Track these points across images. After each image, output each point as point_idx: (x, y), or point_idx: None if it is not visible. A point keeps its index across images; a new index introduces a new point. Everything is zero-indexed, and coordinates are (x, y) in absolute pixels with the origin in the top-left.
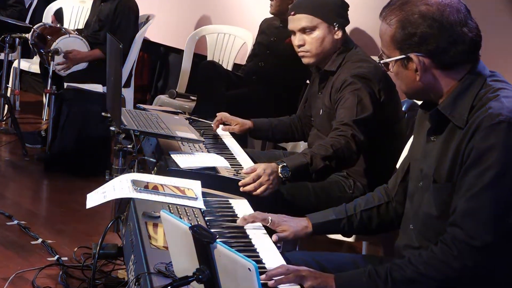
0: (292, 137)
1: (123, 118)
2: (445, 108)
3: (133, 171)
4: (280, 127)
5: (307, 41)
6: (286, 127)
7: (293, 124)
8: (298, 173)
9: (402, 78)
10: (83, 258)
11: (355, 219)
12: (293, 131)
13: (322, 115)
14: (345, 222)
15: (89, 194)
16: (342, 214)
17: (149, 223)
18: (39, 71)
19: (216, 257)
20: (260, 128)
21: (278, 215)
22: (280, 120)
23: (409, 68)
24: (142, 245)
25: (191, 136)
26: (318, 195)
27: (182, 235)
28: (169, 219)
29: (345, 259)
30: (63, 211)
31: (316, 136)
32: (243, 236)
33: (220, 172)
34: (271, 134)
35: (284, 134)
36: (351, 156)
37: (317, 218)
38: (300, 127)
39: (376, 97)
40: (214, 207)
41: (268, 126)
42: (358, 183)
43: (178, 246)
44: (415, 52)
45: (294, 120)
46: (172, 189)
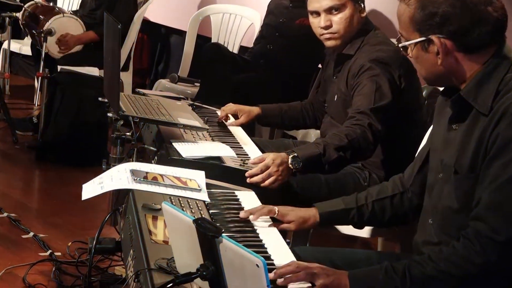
0: (303, 124)
1: (121, 104)
2: (468, 94)
3: (132, 161)
4: (290, 113)
5: (334, 21)
6: (297, 113)
7: (305, 110)
8: (310, 164)
9: (422, 62)
10: (78, 253)
11: (366, 209)
12: (304, 118)
13: (336, 101)
14: (355, 213)
15: (84, 184)
16: (352, 203)
17: (148, 215)
18: (30, 53)
19: (222, 253)
20: (268, 114)
21: (285, 207)
22: (290, 106)
23: (430, 51)
24: (142, 239)
25: (194, 123)
26: (331, 188)
27: (185, 229)
28: (171, 212)
29: (359, 255)
30: (56, 203)
31: (330, 124)
32: (250, 231)
33: (226, 162)
34: (280, 121)
35: (294, 120)
36: (367, 147)
37: (325, 207)
38: (312, 113)
39: (396, 84)
40: (219, 199)
41: (277, 112)
42: (374, 175)
43: (180, 241)
44: (436, 34)
45: (305, 105)
46: (173, 180)
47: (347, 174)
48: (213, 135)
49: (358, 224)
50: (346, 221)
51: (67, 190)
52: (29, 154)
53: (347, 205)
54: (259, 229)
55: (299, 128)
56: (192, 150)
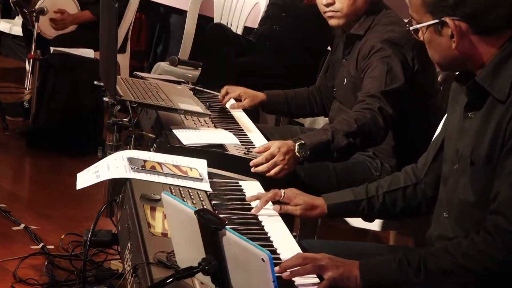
0: (311, 111)
1: (118, 88)
2: (484, 80)
3: (130, 148)
4: (297, 100)
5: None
6: (304, 99)
7: (312, 96)
8: (318, 151)
9: (435, 46)
10: (72, 246)
11: (377, 201)
12: (312, 104)
13: (346, 85)
14: (365, 204)
15: (79, 173)
16: (362, 195)
17: (146, 206)
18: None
19: (225, 246)
20: (274, 101)
21: (292, 189)
22: (297, 92)
23: (444, 35)
24: (141, 232)
25: (196, 108)
26: (340, 177)
27: (186, 221)
28: (171, 202)
29: (369, 249)
30: (49, 193)
31: (339, 109)
32: (255, 223)
33: (229, 150)
34: (286, 108)
35: (301, 107)
36: (378, 132)
37: (333, 199)
38: (320, 99)
39: (409, 66)
40: (221, 189)
41: (283, 99)
42: (386, 164)
43: (181, 233)
44: (450, 16)
45: (312, 91)
46: (173, 169)
47: (357, 163)
48: (215, 121)
49: (368, 216)
50: (356, 213)
51: (61, 179)
52: (20, 141)
53: (356, 196)
54: (264, 221)
55: (306, 116)
56: (193, 137)
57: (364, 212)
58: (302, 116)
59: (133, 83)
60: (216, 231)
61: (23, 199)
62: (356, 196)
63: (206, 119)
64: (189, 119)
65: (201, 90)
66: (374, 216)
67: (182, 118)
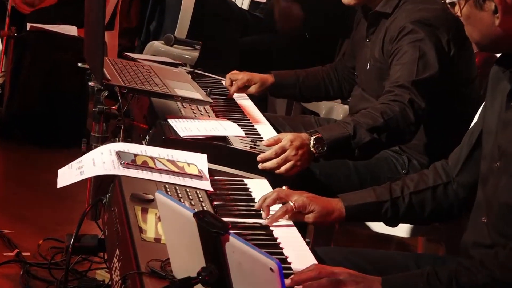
0: (326, 94)
1: (105, 71)
2: None
3: (118, 141)
4: (310, 81)
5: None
6: (317, 80)
7: (327, 77)
8: (337, 147)
9: (475, 22)
10: (51, 253)
11: (402, 202)
12: (327, 86)
13: (369, 70)
14: (389, 206)
15: (60, 169)
16: (385, 195)
17: (138, 208)
18: None
19: (228, 253)
20: (283, 84)
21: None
22: (309, 72)
23: (485, 9)
24: (131, 237)
25: (195, 95)
26: (362, 177)
27: (183, 224)
28: (166, 203)
29: (394, 259)
30: (25, 192)
31: (361, 97)
32: (262, 227)
33: (233, 144)
34: (298, 91)
35: (314, 90)
36: (407, 128)
37: (351, 200)
38: (337, 81)
39: (444, 51)
40: (224, 189)
41: (293, 81)
42: (415, 161)
43: (177, 239)
44: None
45: (328, 72)
46: (168, 165)
47: (382, 160)
48: (217, 110)
49: (391, 220)
50: (378, 217)
51: (38, 176)
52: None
53: (379, 197)
54: (273, 226)
55: (320, 99)
56: (191, 128)
57: (387, 215)
58: (315, 99)
59: (122, 65)
60: (218, 236)
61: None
62: (378, 197)
63: (207, 108)
64: (187, 108)
65: (201, 74)
66: (398, 220)
67: (179, 106)
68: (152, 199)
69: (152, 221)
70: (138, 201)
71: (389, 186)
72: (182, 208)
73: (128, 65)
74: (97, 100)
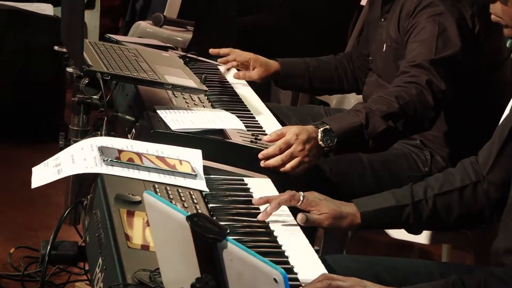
0: (339, 87)
1: (85, 55)
2: None
3: (101, 135)
4: (321, 72)
5: None
6: (330, 71)
7: (341, 66)
8: (348, 139)
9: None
10: (24, 263)
11: (425, 206)
12: (341, 77)
13: (385, 53)
14: (410, 211)
15: (34, 168)
16: (406, 199)
17: (123, 210)
18: None
19: (226, 262)
20: (290, 73)
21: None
22: (321, 61)
23: None
24: (115, 244)
25: (188, 82)
26: (378, 174)
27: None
28: (156, 205)
29: (415, 268)
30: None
31: (376, 84)
32: (265, 232)
33: (231, 138)
34: (307, 82)
35: (327, 81)
36: (426, 113)
37: (367, 204)
38: (351, 71)
39: (467, 26)
40: (221, 189)
41: (302, 70)
42: (438, 157)
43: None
44: None
45: (342, 61)
46: (157, 162)
47: (400, 156)
48: (213, 99)
49: (414, 227)
50: (398, 223)
51: (10, 175)
52: None
53: (399, 200)
54: (277, 231)
55: (333, 92)
56: (184, 120)
57: (409, 221)
58: (327, 92)
59: (105, 49)
60: (214, 242)
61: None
62: (399, 201)
63: (201, 97)
64: (179, 97)
65: (194, 59)
66: (421, 226)
67: (169, 95)
68: (140, 200)
69: (140, 226)
70: (124, 203)
71: (410, 188)
72: (174, 210)
73: (111, 48)
74: (76, 88)
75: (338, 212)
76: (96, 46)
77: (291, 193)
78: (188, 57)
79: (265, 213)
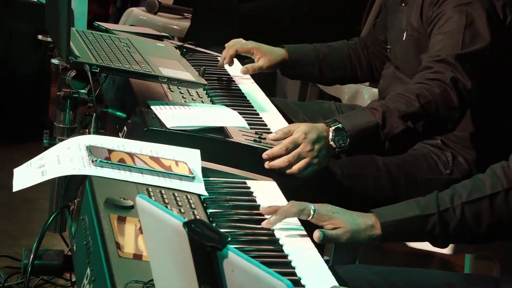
0: (352, 76)
1: (72, 45)
2: None
3: (89, 133)
4: (332, 59)
5: None
6: (343, 58)
7: (354, 53)
8: (362, 140)
9: None
10: (5, 274)
11: (453, 215)
12: (354, 66)
13: (405, 43)
14: (436, 221)
15: (16, 169)
16: (432, 207)
17: (113, 216)
18: None
19: (227, 273)
20: (299, 61)
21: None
22: (332, 48)
23: None
24: (105, 252)
25: (185, 75)
26: (393, 177)
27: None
28: (149, 211)
29: (435, 280)
30: None
31: (394, 77)
32: (269, 241)
33: (233, 136)
34: (317, 71)
35: (338, 70)
36: (450, 114)
37: (389, 215)
38: (366, 58)
39: (498, 18)
40: (222, 192)
41: (312, 57)
42: (460, 158)
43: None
44: None
45: (355, 47)
46: (151, 163)
47: (419, 157)
48: (213, 94)
49: (440, 238)
50: (422, 235)
51: None
52: None
53: (423, 210)
54: (283, 239)
55: (345, 82)
56: (180, 117)
57: (435, 232)
58: (339, 82)
59: (94, 38)
60: (214, 251)
61: None
62: (423, 210)
63: (200, 91)
64: (175, 91)
65: (192, 49)
66: (448, 238)
67: (164, 90)
68: (132, 205)
69: (132, 233)
70: (114, 208)
71: (435, 196)
72: (169, 216)
73: (100, 37)
74: (62, 81)
75: (355, 224)
76: (84, 35)
77: (300, 207)
78: (185, 48)
79: (269, 222)
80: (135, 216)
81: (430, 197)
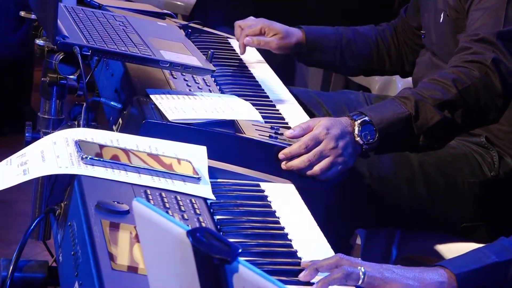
0: (379, 67)
1: (60, 24)
2: None
3: (79, 126)
4: (357, 46)
5: None
6: (369, 46)
7: (383, 41)
8: (393, 135)
9: None
10: None
11: None
12: (382, 55)
13: (443, 25)
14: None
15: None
16: (510, 251)
17: (105, 222)
18: None
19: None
20: (318, 45)
21: (374, 265)
22: (357, 32)
23: None
24: (96, 264)
25: (190, 60)
26: (430, 180)
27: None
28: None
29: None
30: None
31: (430, 64)
32: (285, 253)
33: (245, 132)
34: (338, 59)
35: (363, 59)
36: (492, 101)
37: (461, 265)
38: (396, 47)
39: None
40: (231, 196)
41: (334, 42)
42: (508, 158)
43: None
44: None
45: (384, 33)
46: (149, 161)
47: (460, 157)
48: (222, 82)
49: None
50: (502, 284)
51: None
52: None
53: (500, 255)
54: (301, 251)
55: (370, 73)
56: (184, 108)
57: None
58: (363, 73)
59: (85, 15)
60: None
61: None
62: (499, 255)
63: (207, 79)
64: (179, 78)
65: (198, 29)
66: None
67: (166, 77)
68: (127, 210)
69: (126, 242)
70: (107, 212)
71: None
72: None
73: (93, 15)
74: (48, 66)
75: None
76: (73, 12)
77: (347, 269)
78: (191, 28)
79: (307, 275)
80: (130, 223)
81: (503, 241)
